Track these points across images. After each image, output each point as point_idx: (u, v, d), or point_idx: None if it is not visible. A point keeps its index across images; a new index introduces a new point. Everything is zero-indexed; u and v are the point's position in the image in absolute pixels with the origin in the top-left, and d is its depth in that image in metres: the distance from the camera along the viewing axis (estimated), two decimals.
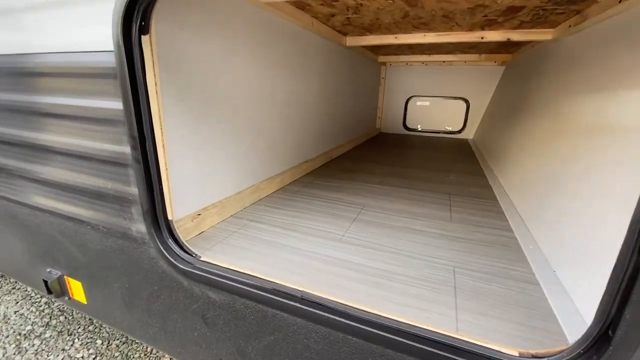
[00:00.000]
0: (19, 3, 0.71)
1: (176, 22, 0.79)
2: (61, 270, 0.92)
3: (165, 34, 0.76)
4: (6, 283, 2.40)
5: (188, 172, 0.88)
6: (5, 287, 2.37)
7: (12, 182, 0.91)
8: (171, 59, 0.78)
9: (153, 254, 0.71)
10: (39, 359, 1.79)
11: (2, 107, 0.83)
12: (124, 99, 0.61)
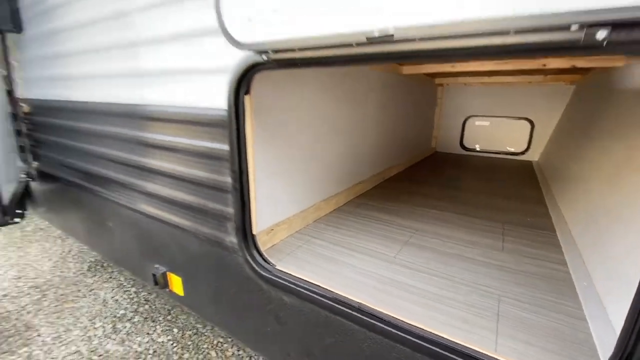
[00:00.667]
0: (151, 75, 0.98)
1: (266, 83, 1.00)
2: (166, 267, 1.17)
3: (259, 93, 0.97)
4: (105, 272, 2.89)
5: (265, 194, 1.07)
6: (104, 275, 2.86)
7: (135, 196, 1.19)
8: (262, 109, 0.99)
9: (240, 261, 0.90)
10: (130, 339, 2.14)
11: (136, 141, 1.12)
12: (231, 143, 0.81)
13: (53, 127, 1.56)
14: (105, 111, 1.22)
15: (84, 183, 1.50)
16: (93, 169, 1.41)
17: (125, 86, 1.11)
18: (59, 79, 1.45)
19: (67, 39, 1.30)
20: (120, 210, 1.30)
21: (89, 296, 2.55)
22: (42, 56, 1.50)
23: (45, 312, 2.35)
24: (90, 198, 1.48)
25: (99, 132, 1.30)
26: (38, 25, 1.46)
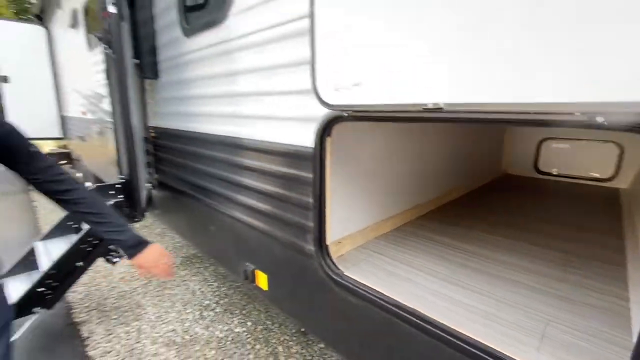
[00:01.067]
0: (252, 117, 1.29)
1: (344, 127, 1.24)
2: (254, 265, 1.46)
3: (337, 134, 1.21)
4: (193, 267, 3.41)
5: (335, 212, 1.29)
6: (192, 270, 3.37)
7: (233, 207, 1.52)
8: (339, 147, 1.23)
9: (316, 266, 1.13)
10: (213, 326, 2.52)
11: (235, 164, 1.45)
12: (314, 172, 1.06)
13: (171, 149, 2.03)
14: (212, 140, 1.59)
15: (192, 193, 1.92)
16: (200, 182, 1.81)
17: (229, 123, 1.46)
18: (180, 114, 1.90)
19: (189, 87, 1.73)
20: (221, 217, 1.65)
21: (182, 285, 3.06)
22: (168, 97, 1.99)
23: (150, 295, 2.90)
24: (196, 205, 1.89)
25: (206, 155, 1.69)
26: (169, 75, 1.94)
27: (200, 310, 2.66)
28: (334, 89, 0.89)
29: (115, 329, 2.42)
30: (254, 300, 2.80)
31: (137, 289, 2.97)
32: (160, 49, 1.97)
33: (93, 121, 3.87)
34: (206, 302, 2.79)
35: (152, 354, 2.17)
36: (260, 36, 1.19)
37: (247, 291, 2.94)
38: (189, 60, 1.69)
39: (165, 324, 2.49)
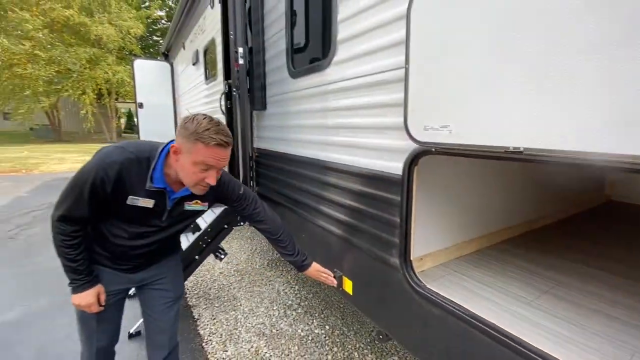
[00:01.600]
0: (345, 145, 1.54)
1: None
2: (342, 272, 1.69)
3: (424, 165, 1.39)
4: (278, 270, 3.81)
5: (419, 231, 1.45)
6: (277, 272, 3.77)
7: (326, 220, 1.79)
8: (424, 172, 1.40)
9: (400, 277, 1.30)
10: (295, 324, 2.82)
11: (327, 183, 1.71)
12: (402, 195, 1.25)
13: (270, 167, 2.42)
14: (307, 162, 1.90)
15: (287, 204, 2.26)
16: (295, 196, 2.13)
17: (323, 149, 1.74)
18: (280, 139, 2.29)
19: (290, 118, 2.09)
20: (312, 227, 1.93)
21: (268, 285, 3.48)
22: (271, 125, 2.40)
23: (244, 290, 3.36)
24: (290, 215, 2.22)
25: (302, 174, 2.00)
26: (273, 107, 2.35)
27: (285, 309, 3.01)
28: (423, 129, 1.08)
29: (217, 315, 2.90)
30: (331, 306, 3.03)
31: (232, 283, 3.48)
32: (268, 86, 2.40)
33: None
34: (289, 302, 3.13)
35: (247, 341, 2.56)
36: (357, 82, 1.45)
37: (324, 297, 3.20)
38: (292, 96, 2.05)
39: (256, 316, 2.89)
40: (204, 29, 4.11)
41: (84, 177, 1.12)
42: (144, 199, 1.18)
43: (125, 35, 20.86)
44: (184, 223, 1.38)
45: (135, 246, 1.31)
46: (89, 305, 1.27)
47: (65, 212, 1.16)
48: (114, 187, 1.13)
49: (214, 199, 1.37)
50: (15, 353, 2.34)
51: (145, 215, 1.24)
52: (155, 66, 6.96)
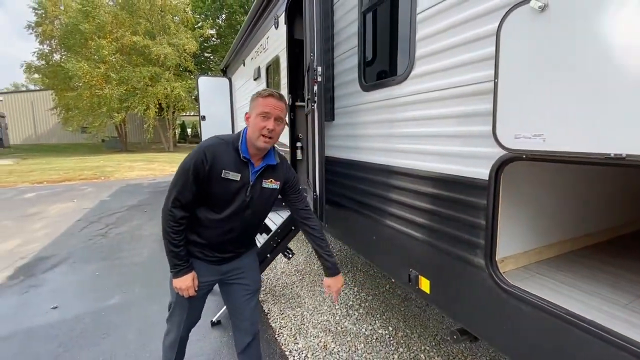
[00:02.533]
0: (430, 153, 1.65)
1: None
2: (418, 272, 1.80)
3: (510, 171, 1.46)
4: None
5: (502, 233, 1.51)
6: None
7: (399, 222, 1.91)
8: (510, 178, 1.48)
9: (485, 277, 1.38)
10: (359, 324, 2.94)
11: (405, 189, 1.83)
12: (488, 200, 1.33)
13: (336, 172, 2.60)
14: (379, 168, 2.04)
15: (357, 208, 2.41)
16: (366, 200, 2.28)
17: (399, 157, 1.87)
18: (347, 147, 2.46)
19: (359, 128, 2.26)
20: (384, 229, 2.06)
21: None
22: (338, 134, 2.58)
23: (306, 289, 3.56)
24: (360, 218, 2.37)
25: (371, 179, 2.15)
26: (342, 118, 2.54)
27: (346, 308, 3.15)
28: (514, 137, 1.17)
29: (285, 310, 3.12)
30: (391, 308, 3.11)
31: (295, 282, 3.70)
32: (336, 99, 2.59)
33: None
34: (350, 302, 3.26)
35: (314, 336, 2.74)
36: (438, 94, 1.57)
37: (384, 299, 3.29)
38: (364, 108, 2.21)
39: (320, 314, 3.06)
40: (267, 47, 4.48)
41: (188, 163, 1.42)
42: (233, 173, 1.46)
43: (181, 54, 22.82)
44: (262, 205, 1.59)
45: (226, 230, 1.54)
46: (187, 287, 1.51)
47: (176, 196, 1.43)
48: (211, 165, 1.42)
49: (283, 180, 1.62)
50: (121, 333, 2.75)
51: (234, 191, 1.48)
52: (216, 82, 7.60)
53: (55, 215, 6.59)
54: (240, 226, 1.56)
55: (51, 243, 4.98)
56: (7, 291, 3.46)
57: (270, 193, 1.58)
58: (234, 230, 1.55)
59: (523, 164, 1.30)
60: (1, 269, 4.02)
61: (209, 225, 1.52)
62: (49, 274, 3.89)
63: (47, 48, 25.29)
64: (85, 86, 20.66)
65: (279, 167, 1.59)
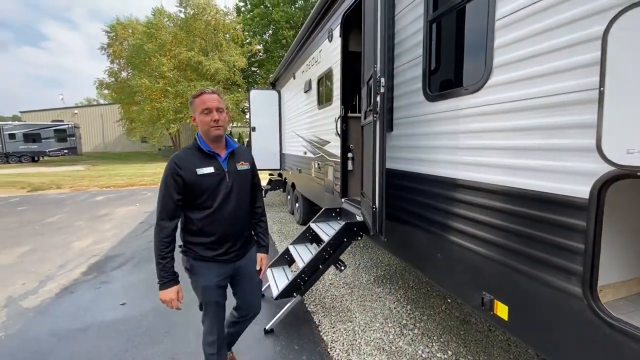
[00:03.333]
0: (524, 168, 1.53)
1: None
2: (493, 295, 1.66)
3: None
4: (385, 287, 3.83)
5: (603, 260, 1.34)
6: (385, 289, 3.79)
7: (473, 240, 1.79)
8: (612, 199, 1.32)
9: (582, 307, 1.23)
10: (414, 344, 2.78)
11: (483, 206, 1.71)
12: (588, 221, 1.19)
13: (395, 185, 2.51)
14: (450, 183, 1.93)
15: (417, 222, 2.31)
16: (426, 214, 2.18)
17: (470, 169, 1.76)
18: (408, 159, 2.38)
19: (418, 140, 2.17)
20: (453, 247, 1.94)
21: (378, 301, 3.52)
22: (397, 145, 2.51)
23: (356, 303, 3.48)
24: (421, 234, 2.26)
25: (438, 193, 2.05)
26: (401, 129, 2.47)
27: (400, 327, 3.01)
28: (626, 152, 1.03)
29: (336, 324, 3.06)
30: (449, 331, 2.91)
31: (344, 295, 3.64)
32: (395, 110, 2.54)
33: (313, 159, 5.09)
34: (403, 321, 3.12)
35: (368, 354, 2.64)
36: (522, 104, 1.46)
37: (440, 320, 3.09)
38: (429, 118, 2.13)
39: (372, 331, 2.96)
40: (319, 60, 4.57)
41: (165, 176, 1.64)
42: (206, 168, 1.66)
43: (231, 69, 24.24)
44: (243, 185, 1.79)
45: (224, 218, 1.71)
46: (171, 300, 1.65)
47: (161, 209, 1.62)
48: (184, 169, 1.62)
49: (250, 162, 1.86)
50: (182, 332, 2.88)
51: (216, 182, 1.68)
52: (266, 95, 7.93)
53: (121, 217, 7.23)
54: (232, 210, 1.73)
55: (118, 243, 5.44)
56: (83, 286, 3.82)
57: (245, 173, 1.81)
58: (229, 216, 1.72)
59: (629, 182, 1.15)
60: (77, 265, 4.47)
61: (208, 221, 1.68)
62: (117, 272, 4.24)
63: (116, 66, 28.38)
64: (146, 100, 22.74)
65: (242, 150, 1.83)
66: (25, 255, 4.87)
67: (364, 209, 2.79)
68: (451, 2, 1.90)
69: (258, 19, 27.55)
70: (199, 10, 23.72)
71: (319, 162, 4.77)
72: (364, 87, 2.71)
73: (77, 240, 5.60)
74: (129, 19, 27.86)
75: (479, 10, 1.72)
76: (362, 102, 2.78)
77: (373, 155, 2.20)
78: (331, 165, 4.18)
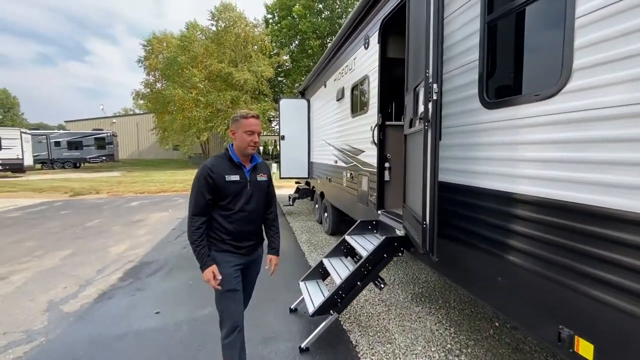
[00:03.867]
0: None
1: None
2: (574, 331, 1.43)
3: None
4: (425, 306, 3.59)
5: None
6: (425, 308, 3.55)
7: (548, 266, 1.57)
8: None
9: None
10: None
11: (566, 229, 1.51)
12: None
13: (443, 199, 2.31)
14: (510, 198, 1.73)
15: (469, 240, 2.11)
16: (481, 231, 1.97)
17: (547, 186, 1.56)
18: (459, 170, 2.19)
19: (471, 150, 1.99)
20: (516, 271, 1.73)
21: (418, 322, 3.29)
22: (443, 155, 2.33)
23: (394, 323, 3.26)
24: (478, 255, 2.05)
25: (493, 208, 1.85)
26: (451, 138, 2.29)
27: (445, 353, 2.76)
28: None
29: (375, 345, 2.87)
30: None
31: (380, 314, 3.43)
32: (444, 118, 2.37)
33: (345, 168, 4.96)
34: (448, 345, 2.87)
35: None
36: (615, 111, 1.26)
37: (489, 347, 2.82)
38: (486, 127, 1.95)
39: (414, 355, 2.73)
40: (353, 68, 4.48)
41: (199, 179, 1.89)
42: (233, 175, 1.95)
43: (259, 79, 24.82)
44: (261, 193, 2.09)
45: (245, 218, 2.00)
46: (208, 279, 1.94)
47: (194, 206, 1.90)
48: (215, 174, 1.89)
49: (268, 174, 2.16)
50: (216, 347, 2.80)
51: (239, 188, 1.97)
52: (295, 103, 7.94)
53: (154, 223, 7.43)
54: (250, 213, 2.02)
55: (152, 249, 5.55)
56: (119, 292, 3.88)
57: (262, 183, 2.10)
58: (247, 217, 2.01)
59: None
60: (114, 270, 4.57)
61: (230, 220, 1.97)
62: (152, 279, 4.28)
63: (151, 78, 29.94)
64: (178, 110, 23.71)
65: (262, 164, 2.13)
66: (66, 259, 5.07)
67: (407, 224, 2.61)
68: (516, 1, 1.72)
69: (285, 30, 28.16)
70: (230, 23, 24.60)
71: (351, 171, 4.63)
72: (409, 95, 2.56)
73: (114, 245, 5.78)
74: (164, 33, 29.44)
75: (553, 7, 1.54)
76: (406, 110, 2.63)
77: (424, 167, 2.04)
78: (365, 175, 4.03)
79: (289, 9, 28.29)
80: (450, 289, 3.98)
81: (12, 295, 3.76)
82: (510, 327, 3.17)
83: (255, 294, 2.37)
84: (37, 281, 4.18)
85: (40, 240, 6.12)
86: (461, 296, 3.78)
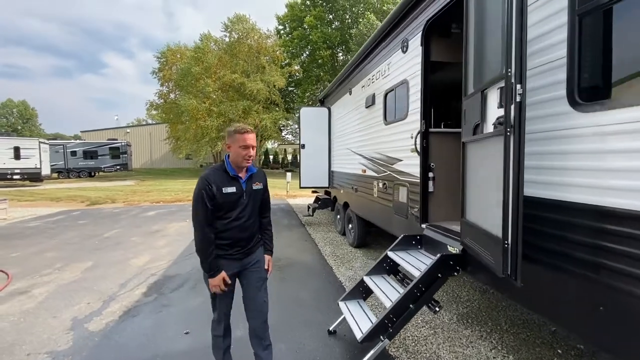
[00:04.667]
0: None
1: None
2: None
3: None
4: (475, 330, 3.26)
5: None
6: (475, 332, 3.24)
7: None
8: None
9: None
10: None
11: None
12: None
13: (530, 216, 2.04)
14: (613, 214, 1.47)
15: (561, 264, 1.83)
16: (575, 253, 1.70)
17: None
18: (541, 182, 1.93)
19: (557, 159, 1.74)
20: (629, 301, 1.45)
21: (471, 347, 2.98)
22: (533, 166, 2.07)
23: (444, 349, 2.96)
24: (577, 283, 1.76)
25: (592, 226, 1.58)
26: (529, 145, 2.04)
27: None
28: None
29: None
30: None
31: (427, 337, 3.13)
32: None
33: (376, 178, 4.72)
34: None
35: None
36: None
37: None
38: (577, 133, 1.71)
39: None
40: (387, 73, 4.28)
41: (199, 191, 1.97)
42: (230, 187, 2.03)
43: (271, 89, 24.95)
44: (256, 201, 2.18)
45: (240, 225, 2.08)
46: (220, 284, 2.03)
47: (199, 218, 1.98)
48: (213, 184, 1.97)
49: (263, 182, 2.24)
50: None
51: (236, 198, 2.06)
52: (316, 112, 7.78)
53: (173, 234, 7.27)
54: (244, 221, 2.11)
55: (174, 262, 5.36)
56: (144, 309, 3.67)
57: (258, 191, 2.18)
58: (241, 225, 2.10)
59: None
60: (137, 285, 4.38)
61: (227, 228, 2.06)
62: (176, 294, 4.07)
63: (165, 89, 30.43)
64: (191, 119, 23.90)
65: (258, 173, 2.21)
66: (88, 271, 4.90)
67: (470, 241, 2.35)
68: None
69: (297, 41, 28.42)
70: (243, 34, 24.93)
71: (384, 181, 4.39)
72: (470, 99, 2.34)
73: (134, 257, 5.61)
74: (177, 45, 30.02)
75: None
76: (466, 115, 2.40)
77: (504, 178, 1.80)
78: (404, 186, 3.78)
79: (300, 20, 28.62)
80: (498, 310, 3.66)
81: (35, 311, 3.58)
82: (575, 354, 2.85)
83: (284, 314, 2.22)
84: (59, 296, 4.00)
85: (59, 251, 6.00)
86: (512, 318, 3.46)
